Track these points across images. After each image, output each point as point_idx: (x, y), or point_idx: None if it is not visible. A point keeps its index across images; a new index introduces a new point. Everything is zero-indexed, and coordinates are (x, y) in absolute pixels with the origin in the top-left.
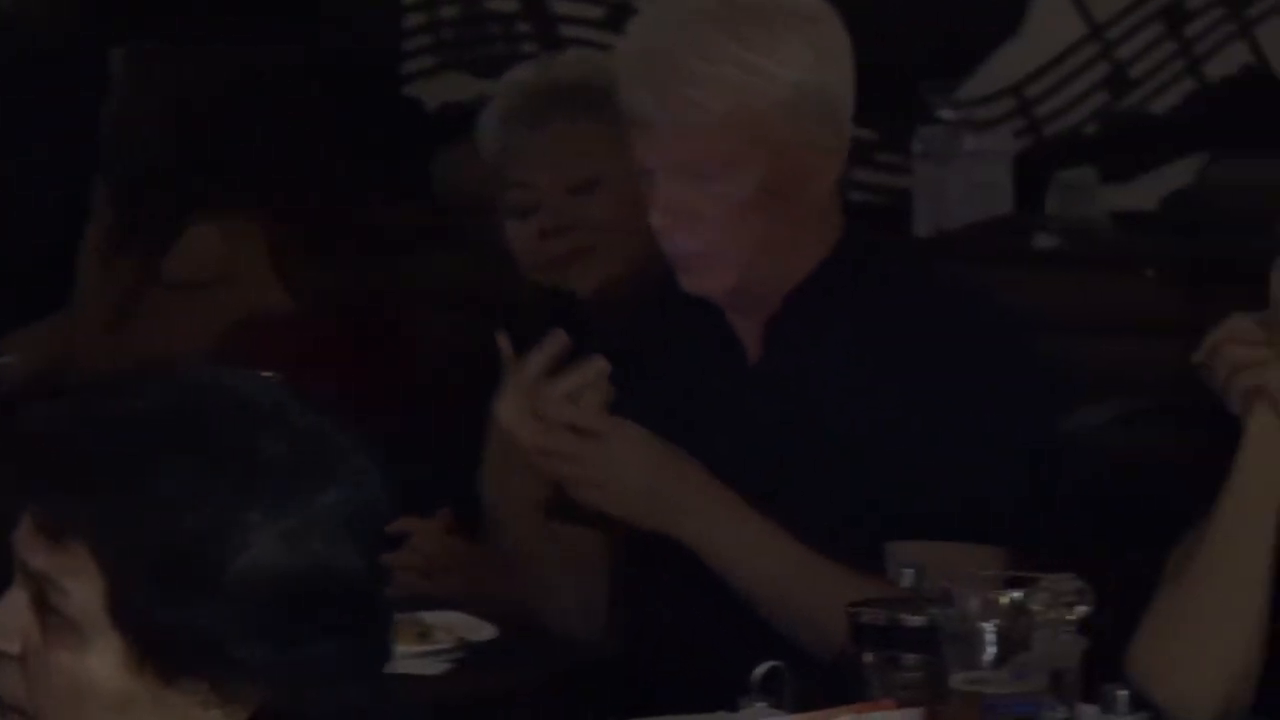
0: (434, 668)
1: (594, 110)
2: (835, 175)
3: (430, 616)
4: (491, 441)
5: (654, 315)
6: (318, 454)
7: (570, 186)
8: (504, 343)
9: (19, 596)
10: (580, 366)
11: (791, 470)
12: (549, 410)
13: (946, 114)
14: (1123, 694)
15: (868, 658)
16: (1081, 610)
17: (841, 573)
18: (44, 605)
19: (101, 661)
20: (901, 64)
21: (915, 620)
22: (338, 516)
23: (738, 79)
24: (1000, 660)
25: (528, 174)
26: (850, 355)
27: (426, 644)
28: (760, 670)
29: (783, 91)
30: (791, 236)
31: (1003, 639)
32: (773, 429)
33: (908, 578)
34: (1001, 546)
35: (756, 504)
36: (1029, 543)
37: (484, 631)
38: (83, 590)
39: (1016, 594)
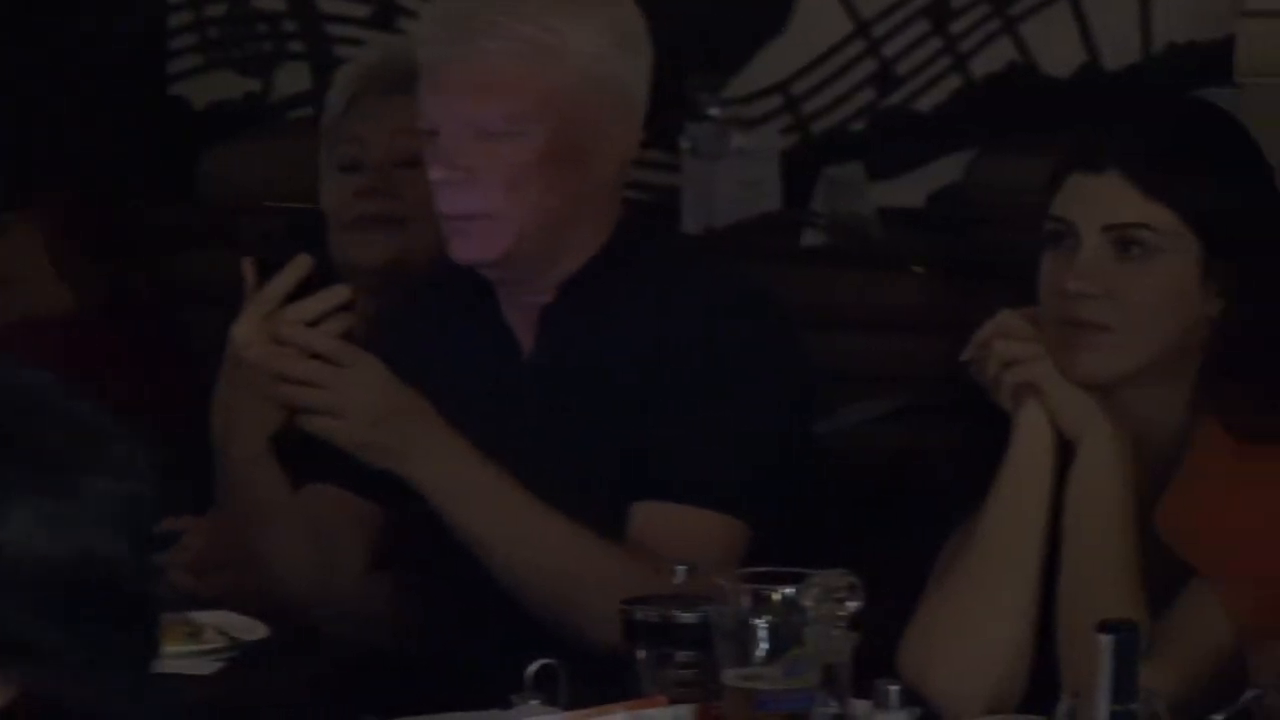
0: (205, 667)
1: None
2: (619, 165)
3: (201, 616)
4: (225, 368)
5: (429, 300)
6: (87, 442)
7: (398, 157)
8: (248, 269)
9: None
10: (323, 292)
11: (554, 454)
12: (288, 333)
13: (714, 111)
14: (894, 689)
15: (641, 654)
16: (853, 606)
17: (572, 527)
18: None
19: None
20: (668, 61)
21: (688, 617)
22: (106, 506)
23: (539, 40)
24: (773, 656)
25: (365, 133)
26: (621, 346)
27: (197, 643)
28: (533, 667)
29: (580, 64)
30: (568, 214)
31: (775, 635)
32: (542, 419)
33: (679, 574)
34: (742, 520)
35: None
36: (776, 523)
37: (256, 630)
38: None
39: (788, 590)
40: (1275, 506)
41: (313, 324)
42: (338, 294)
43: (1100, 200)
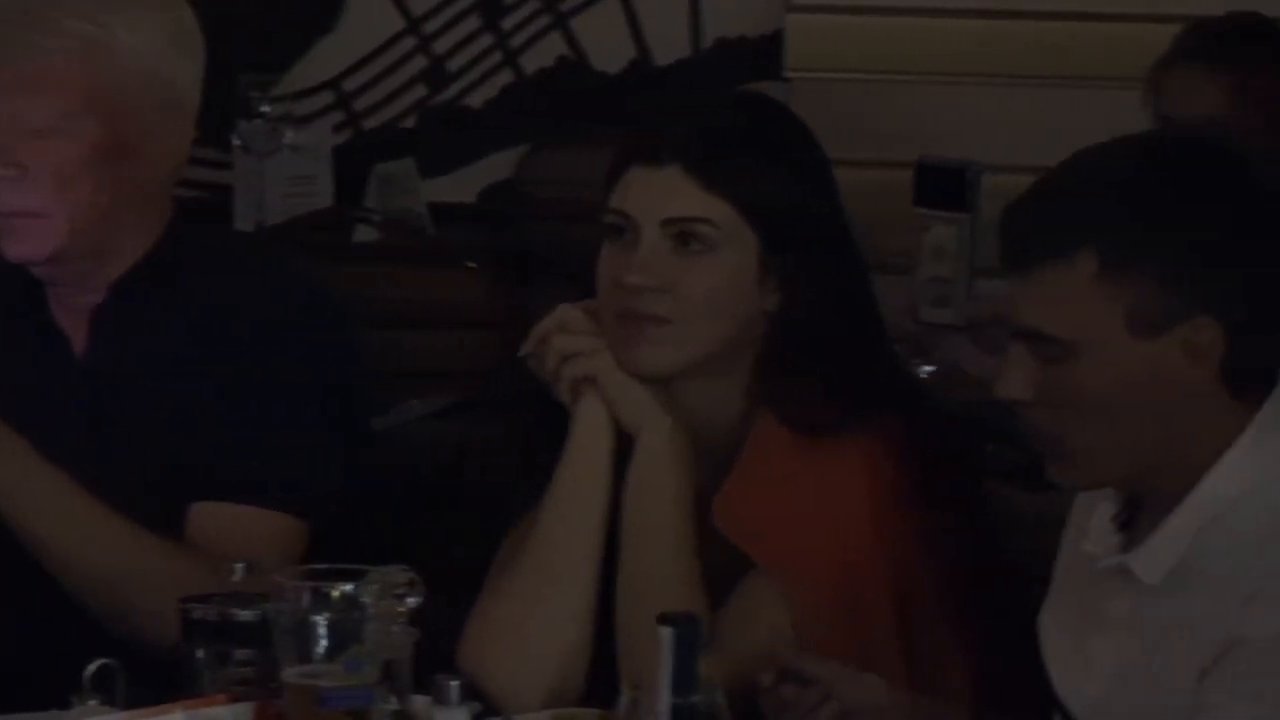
0: None
1: None
2: (171, 165)
3: None
4: None
5: None
6: None
7: None
8: None
9: None
10: None
11: (110, 455)
12: None
13: (265, 109)
14: (454, 684)
15: (199, 653)
16: (412, 602)
17: (131, 527)
18: None
19: None
20: (220, 57)
21: (247, 615)
22: None
23: (92, 38)
24: (333, 653)
25: None
26: (175, 346)
27: None
28: (92, 668)
29: (133, 63)
30: (118, 213)
31: (335, 632)
32: (97, 421)
33: (238, 572)
34: (299, 518)
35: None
36: (335, 520)
37: None
38: None
39: (348, 587)
40: (829, 499)
41: None
42: None
43: (659, 194)
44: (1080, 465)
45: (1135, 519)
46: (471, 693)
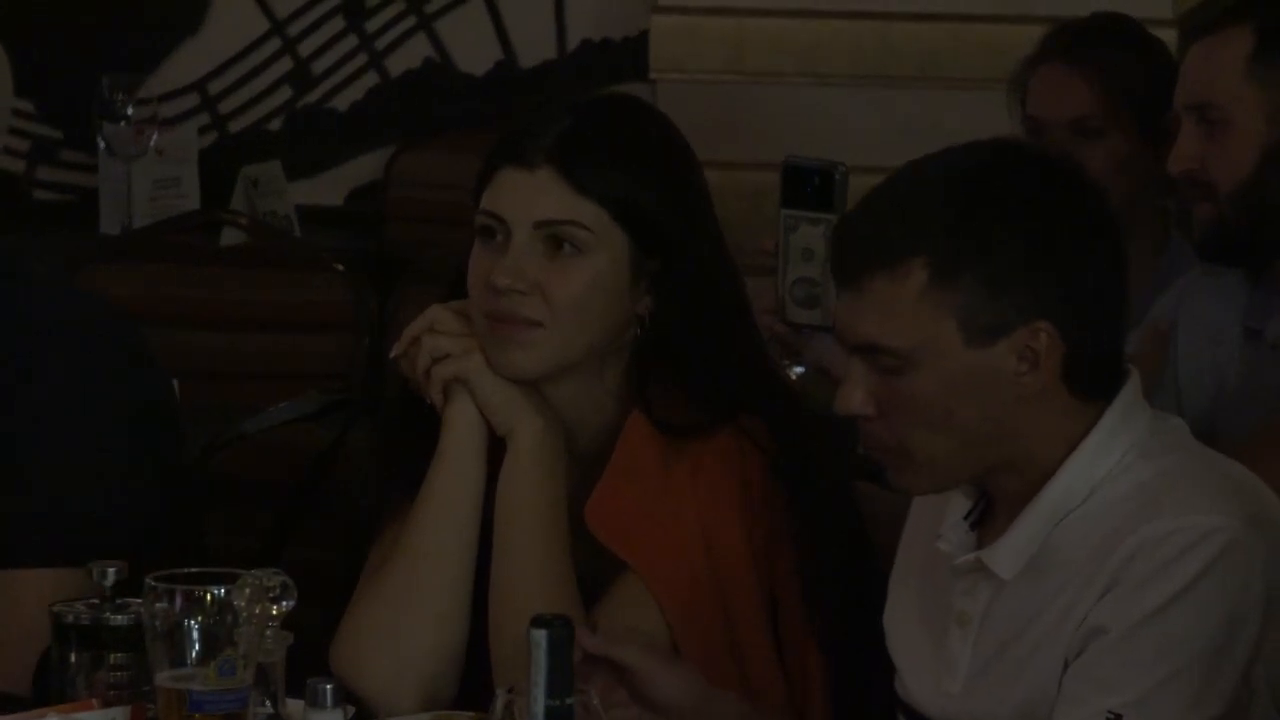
0: None
1: None
2: None
3: None
4: None
5: None
6: None
7: None
8: None
9: None
10: None
11: None
12: None
13: (130, 111)
14: (327, 688)
15: (72, 657)
16: (286, 605)
17: None
18: None
19: None
20: (83, 60)
21: (120, 619)
22: None
23: None
24: (206, 657)
25: None
26: None
27: None
28: None
29: None
30: None
31: (207, 635)
32: None
33: (110, 576)
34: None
35: None
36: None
37: None
38: None
39: (220, 590)
40: (699, 501)
41: None
42: None
43: (531, 196)
44: (924, 472)
45: (987, 517)
46: (345, 696)
